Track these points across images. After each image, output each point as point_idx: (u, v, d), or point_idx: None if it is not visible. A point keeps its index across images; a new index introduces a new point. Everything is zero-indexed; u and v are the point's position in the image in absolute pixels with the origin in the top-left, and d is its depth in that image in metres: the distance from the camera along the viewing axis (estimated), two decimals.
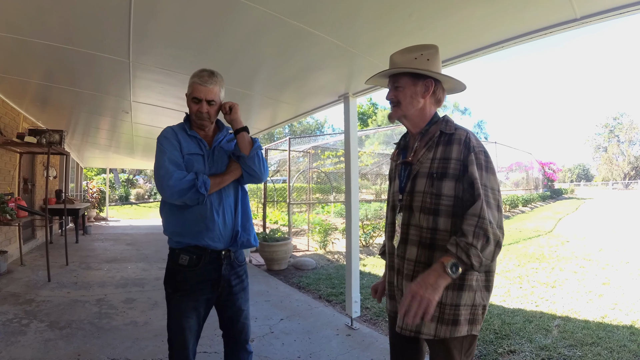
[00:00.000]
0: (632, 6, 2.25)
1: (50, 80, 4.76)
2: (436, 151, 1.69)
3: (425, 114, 1.79)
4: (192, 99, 2.08)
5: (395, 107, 1.81)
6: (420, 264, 1.65)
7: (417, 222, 1.68)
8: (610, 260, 7.80)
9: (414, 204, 1.70)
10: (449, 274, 1.47)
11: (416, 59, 1.74)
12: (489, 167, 1.60)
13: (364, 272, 6.99)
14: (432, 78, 1.76)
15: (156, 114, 6.09)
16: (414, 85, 1.76)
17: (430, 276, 1.50)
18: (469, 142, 1.63)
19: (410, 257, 1.69)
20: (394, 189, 1.90)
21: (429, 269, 1.53)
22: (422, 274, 1.54)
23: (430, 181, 1.66)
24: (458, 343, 1.61)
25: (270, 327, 4.16)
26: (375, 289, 2.07)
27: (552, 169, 32.95)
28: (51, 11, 2.79)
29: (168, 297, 2.15)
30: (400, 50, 1.82)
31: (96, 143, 10.62)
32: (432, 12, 2.57)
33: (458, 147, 1.63)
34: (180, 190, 1.95)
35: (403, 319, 1.60)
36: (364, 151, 16.39)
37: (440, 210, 1.63)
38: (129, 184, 32.10)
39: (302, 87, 4.48)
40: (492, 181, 1.59)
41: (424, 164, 1.70)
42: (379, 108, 44.52)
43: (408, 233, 1.71)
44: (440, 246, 1.61)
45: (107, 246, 9.45)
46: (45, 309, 4.47)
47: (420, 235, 1.66)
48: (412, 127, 1.85)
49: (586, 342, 3.77)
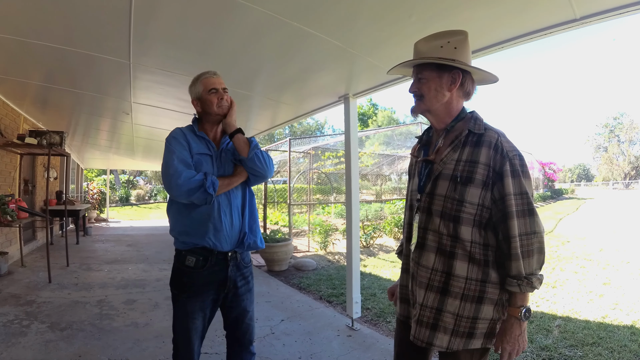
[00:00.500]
0: (632, 6, 2.25)
1: (51, 82, 4.77)
2: (462, 152, 1.56)
3: (451, 108, 1.65)
4: (209, 91, 2.14)
5: (419, 101, 1.67)
6: (437, 272, 1.56)
7: (436, 227, 1.58)
8: (611, 260, 7.80)
9: (433, 207, 1.59)
10: (524, 320, 1.49)
11: (442, 47, 1.59)
12: (524, 172, 1.50)
13: (365, 273, 6.99)
14: (459, 69, 1.60)
15: (157, 115, 6.09)
16: (439, 78, 1.61)
17: (514, 330, 1.49)
18: (501, 146, 1.50)
19: (426, 264, 1.60)
20: (413, 187, 1.77)
21: (506, 323, 1.52)
22: (500, 325, 1.55)
23: (453, 185, 1.55)
24: (469, 354, 1.55)
25: (271, 328, 4.16)
26: (392, 292, 2.00)
27: (552, 169, 32.90)
28: (52, 12, 2.79)
29: (174, 298, 2.16)
30: (425, 38, 1.65)
31: (96, 144, 10.62)
32: (432, 14, 2.57)
33: (488, 151, 1.51)
34: (189, 190, 1.95)
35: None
36: (364, 152, 16.39)
37: (461, 217, 1.53)
38: (130, 185, 32.05)
39: (303, 88, 4.48)
40: (528, 185, 1.51)
41: (448, 164, 1.58)
42: (379, 109, 44.55)
43: (426, 238, 1.61)
44: (460, 255, 1.53)
45: (108, 247, 9.44)
46: (46, 310, 4.48)
47: (439, 242, 1.57)
48: (436, 122, 1.70)
49: (587, 342, 3.77)
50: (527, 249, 1.47)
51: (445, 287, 1.54)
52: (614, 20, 2.42)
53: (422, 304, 1.58)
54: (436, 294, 1.56)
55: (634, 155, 61.64)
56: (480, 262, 1.52)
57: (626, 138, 62.75)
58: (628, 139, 62.52)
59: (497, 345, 1.53)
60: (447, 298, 1.53)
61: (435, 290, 1.56)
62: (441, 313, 1.54)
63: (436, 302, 1.55)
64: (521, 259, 1.45)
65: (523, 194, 1.49)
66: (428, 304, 1.57)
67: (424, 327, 1.57)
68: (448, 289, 1.53)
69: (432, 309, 1.56)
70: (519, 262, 1.45)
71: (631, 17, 2.38)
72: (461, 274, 1.52)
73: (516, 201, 1.48)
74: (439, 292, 1.55)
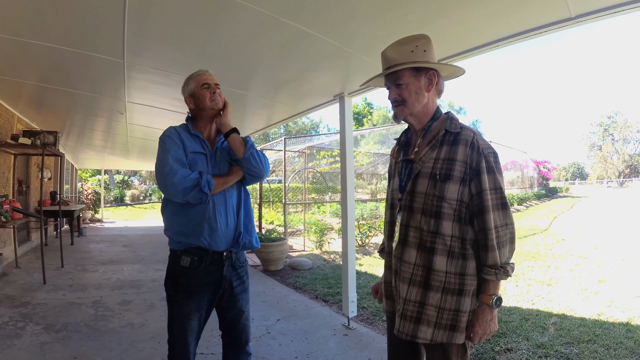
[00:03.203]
0: (626, 5, 2.26)
1: (46, 82, 4.74)
2: (440, 151, 1.62)
3: (428, 108, 1.72)
4: (202, 86, 2.15)
5: (401, 106, 1.71)
6: (418, 267, 1.62)
7: (417, 224, 1.63)
8: (606, 257, 7.83)
9: (414, 205, 1.64)
10: (494, 308, 1.57)
11: (413, 52, 1.65)
12: (498, 168, 1.59)
13: (361, 272, 6.99)
14: (433, 69, 1.67)
15: (152, 114, 6.07)
16: (417, 80, 1.67)
17: (486, 315, 1.57)
18: (477, 144, 1.57)
19: (408, 259, 1.64)
20: (394, 186, 1.82)
21: (479, 309, 1.59)
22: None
23: (433, 182, 1.60)
24: (455, 347, 1.60)
25: (267, 328, 4.16)
26: (376, 290, 2.04)
27: (547, 167, 33.03)
28: (48, 12, 2.77)
29: (169, 299, 2.14)
30: (391, 45, 1.72)
31: (91, 144, 10.57)
32: (428, 14, 2.58)
33: (465, 149, 1.57)
34: (185, 189, 1.94)
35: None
36: (360, 151, 16.42)
37: (442, 213, 1.58)
38: (124, 185, 31.93)
39: (299, 87, 4.48)
40: (501, 181, 1.59)
41: (427, 163, 1.64)
42: (375, 108, 44.59)
43: (407, 235, 1.66)
44: (440, 250, 1.58)
45: (103, 248, 9.41)
46: (41, 311, 4.45)
47: (421, 237, 1.62)
48: (416, 123, 1.76)
49: (583, 340, 3.78)
50: (501, 240, 1.56)
51: (426, 281, 1.60)
52: (609, 19, 2.43)
53: (405, 298, 1.64)
54: (419, 288, 1.61)
55: (628, 154, 62.03)
56: (459, 255, 1.59)
57: (620, 137, 63.12)
58: (622, 138, 62.90)
59: (470, 329, 1.59)
60: (429, 292, 1.59)
61: (418, 284, 1.62)
62: (424, 306, 1.60)
63: (419, 296, 1.61)
64: (497, 250, 1.54)
65: (497, 189, 1.58)
66: (411, 298, 1.62)
67: (408, 321, 1.62)
68: (429, 283, 1.59)
69: (415, 302, 1.61)
70: (495, 253, 1.54)
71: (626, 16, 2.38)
72: (441, 268, 1.58)
73: (492, 196, 1.56)
74: (421, 286, 1.61)
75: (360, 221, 10.34)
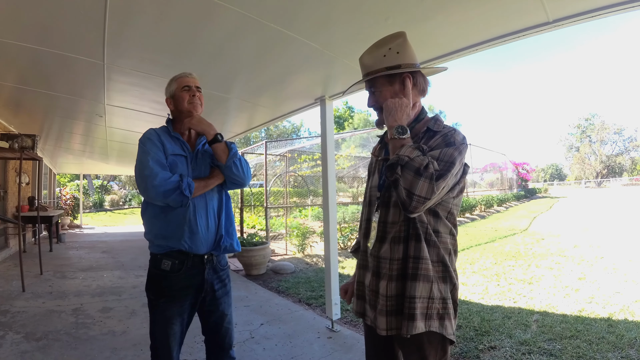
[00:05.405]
0: (602, 9, 2.32)
1: (24, 83, 4.62)
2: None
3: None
4: (183, 88, 2.15)
5: (380, 112, 1.68)
6: (394, 260, 1.57)
7: (395, 219, 1.59)
8: (585, 255, 7.99)
9: (392, 200, 1.60)
10: (394, 136, 1.54)
11: (385, 56, 1.62)
12: (458, 148, 1.49)
13: (343, 275, 6.98)
14: (408, 72, 1.63)
15: (131, 117, 5.99)
16: (391, 86, 1.64)
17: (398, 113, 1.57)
18: (451, 135, 1.53)
19: (385, 255, 1.59)
20: (372, 184, 1.78)
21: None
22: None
23: None
24: (433, 349, 1.55)
25: (250, 333, 4.13)
26: (345, 290, 1.99)
27: (525, 169, 33.58)
28: (25, 10, 2.71)
29: (151, 304, 2.11)
30: (367, 50, 1.70)
31: (70, 148, 10.38)
32: (407, 18, 2.61)
33: (439, 139, 1.53)
34: (165, 192, 1.92)
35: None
36: (341, 154, 16.43)
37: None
38: (103, 190, 31.50)
39: (280, 90, 4.48)
40: (449, 154, 1.46)
41: None
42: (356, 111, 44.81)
43: (385, 231, 1.62)
44: (414, 236, 1.54)
45: (82, 254, 9.25)
46: (21, 320, 4.36)
47: (397, 230, 1.58)
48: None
49: (565, 336, 3.84)
50: (430, 172, 1.39)
51: (403, 273, 1.55)
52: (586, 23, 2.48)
53: (385, 294, 1.58)
54: (397, 282, 1.56)
55: (606, 155, 63.25)
56: (433, 243, 1.55)
57: (597, 138, 64.37)
58: (599, 139, 64.16)
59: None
60: (406, 282, 1.53)
61: (395, 278, 1.57)
62: (403, 299, 1.54)
63: (397, 290, 1.56)
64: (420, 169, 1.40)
65: (440, 159, 1.46)
66: (389, 293, 1.57)
67: (384, 316, 1.57)
68: (407, 273, 1.54)
69: (391, 297, 1.56)
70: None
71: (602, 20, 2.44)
72: (416, 255, 1.53)
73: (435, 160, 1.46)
74: (399, 279, 1.56)
75: (342, 224, 10.34)
